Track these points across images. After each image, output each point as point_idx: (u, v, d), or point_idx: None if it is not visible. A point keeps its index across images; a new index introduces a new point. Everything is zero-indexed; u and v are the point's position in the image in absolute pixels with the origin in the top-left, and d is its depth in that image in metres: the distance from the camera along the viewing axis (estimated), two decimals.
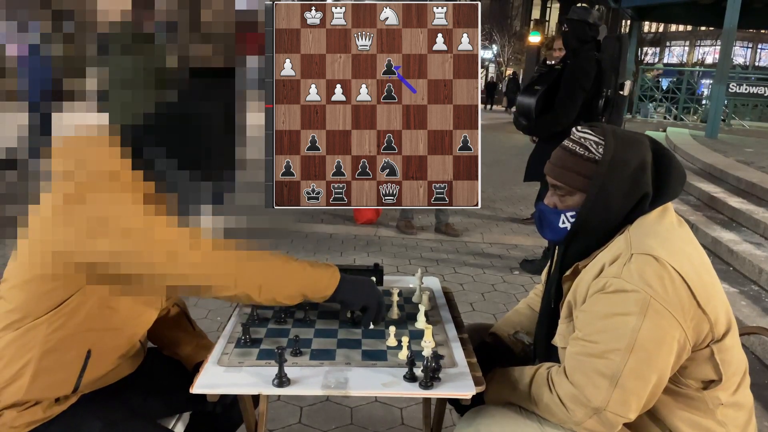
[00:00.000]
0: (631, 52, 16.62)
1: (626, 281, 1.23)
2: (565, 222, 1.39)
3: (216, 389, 1.29)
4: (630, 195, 1.32)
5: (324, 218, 5.81)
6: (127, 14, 1.25)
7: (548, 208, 1.43)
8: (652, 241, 1.27)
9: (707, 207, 6.02)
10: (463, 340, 1.51)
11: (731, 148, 9.28)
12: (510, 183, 8.09)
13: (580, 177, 1.34)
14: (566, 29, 4.19)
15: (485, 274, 4.45)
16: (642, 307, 1.21)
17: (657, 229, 1.32)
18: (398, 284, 1.90)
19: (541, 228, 1.47)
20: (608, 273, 1.27)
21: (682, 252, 1.28)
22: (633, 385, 1.22)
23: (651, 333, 1.21)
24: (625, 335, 1.22)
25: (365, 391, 1.31)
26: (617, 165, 1.31)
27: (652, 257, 1.24)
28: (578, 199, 1.36)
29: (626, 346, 1.22)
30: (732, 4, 10.50)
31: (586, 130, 1.38)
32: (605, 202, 1.32)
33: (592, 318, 1.28)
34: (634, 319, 1.21)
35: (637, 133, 1.41)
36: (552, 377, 1.33)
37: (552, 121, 4.10)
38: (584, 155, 1.34)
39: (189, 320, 1.75)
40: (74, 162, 1.19)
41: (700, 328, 1.26)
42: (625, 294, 1.23)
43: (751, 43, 37.69)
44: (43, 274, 1.28)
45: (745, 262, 4.33)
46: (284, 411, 2.53)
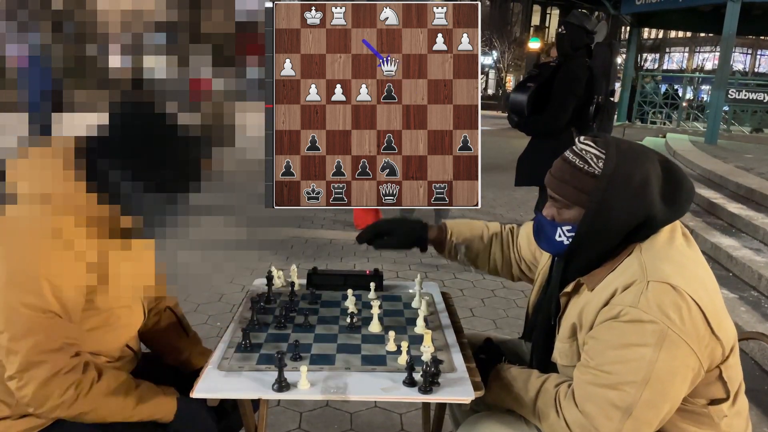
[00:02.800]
0: (630, 59, 16.67)
1: (644, 311, 1.19)
2: (561, 236, 1.35)
3: (216, 393, 1.29)
4: (633, 213, 1.27)
5: (324, 224, 5.82)
6: (127, 14, 1.25)
7: (546, 220, 1.39)
8: (667, 267, 1.23)
9: (707, 213, 6.02)
10: (462, 345, 1.51)
11: (731, 154, 9.29)
12: (510, 188, 8.05)
13: (578, 191, 1.30)
14: (563, 31, 4.20)
15: (485, 279, 4.45)
16: (659, 338, 1.17)
17: (670, 253, 1.28)
18: (398, 290, 1.91)
19: (538, 239, 1.44)
20: (623, 301, 1.23)
21: (696, 278, 1.25)
22: (646, 415, 1.20)
23: (667, 364, 1.18)
24: (641, 368, 1.18)
25: (365, 395, 1.31)
26: (618, 180, 1.25)
27: (669, 286, 1.20)
28: (576, 213, 1.32)
29: (642, 379, 1.18)
30: (731, 11, 10.55)
31: (588, 142, 1.32)
32: (605, 218, 1.27)
33: (605, 347, 1.24)
34: (651, 350, 1.18)
35: (644, 147, 1.36)
36: (560, 401, 1.29)
37: (542, 124, 4.14)
38: (584, 168, 1.29)
39: (183, 327, 1.75)
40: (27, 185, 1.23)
41: (714, 354, 1.24)
42: (642, 324, 1.19)
43: (750, 49, 37.79)
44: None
45: (745, 268, 4.34)
46: (284, 416, 2.53)
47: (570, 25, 4.15)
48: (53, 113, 1.25)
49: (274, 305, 1.73)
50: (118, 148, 1.24)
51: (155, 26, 1.27)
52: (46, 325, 1.24)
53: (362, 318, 1.64)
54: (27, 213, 1.22)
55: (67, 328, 1.28)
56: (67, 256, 1.24)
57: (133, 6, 1.26)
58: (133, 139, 1.24)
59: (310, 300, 1.77)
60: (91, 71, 1.24)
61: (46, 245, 1.22)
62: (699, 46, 38.09)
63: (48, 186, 1.23)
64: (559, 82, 4.08)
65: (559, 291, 1.42)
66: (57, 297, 1.24)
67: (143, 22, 1.26)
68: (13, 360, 1.24)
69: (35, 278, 1.22)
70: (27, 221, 1.22)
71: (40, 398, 1.26)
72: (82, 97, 1.24)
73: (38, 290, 1.22)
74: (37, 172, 1.24)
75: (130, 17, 1.25)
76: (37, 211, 1.22)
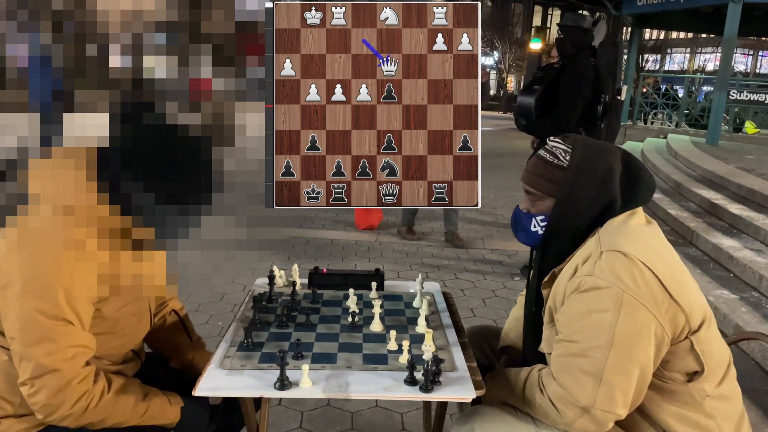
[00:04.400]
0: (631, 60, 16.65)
1: (599, 278, 1.29)
2: (536, 226, 1.48)
3: (218, 392, 1.29)
4: (597, 200, 1.39)
5: (325, 224, 5.82)
6: (127, 14, 1.26)
7: (522, 213, 1.52)
8: (620, 239, 1.34)
9: (708, 214, 6.01)
10: (463, 344, 1.52)
11: (732, 155, 9.28)
12: (511, 189, 8.09)
13: (549, 183, 1.43)
14: (561, 35, 4.20)
15: (486, 280, 4.45)
16: (616, 302, 1.26)
17: (624, 229, 1.38)
18: (399, 289, 1.91)
19: (516, 231, 1.55)
20: (581, 272, 1.34)
21: (649, 247, 1.34)
22: (617, 380, 1.26)
23: (628, 327, 1.26)
24: (603, 331, 1.26)
25: (366, 394, 1.32)
26: (583, 171, 1.39)
27: (621, 253, 1.30)
28: (549, 203, 1.44)
29: (605, 343, 1.26)
30: (732, 12, 10.52)
31: (557, 140, 1.47)
32: (574, 205, 1.40)
33: (570, 318, 1.34)
34: (610, 314, 1.26)
35: (607, 144, 1.50)
36: (542, 379, 1.37)
37: (552, 126, 4.08)
38: (553, 162, 1.44)
39: (186, 329, 1.75)
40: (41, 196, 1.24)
41: (676, 320, 1.30)
42: (599, 291, 1.28)
43: (751, 50, 37.76)
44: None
45: (746, 269, 4.33)
46: (285, 416, 2.53)
47: (566, 28, 4.14)
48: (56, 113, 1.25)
49: (275, 304, 1.74)
50: (135, 161, 1.25)
51: (155, 26, 1.27)
52: (60, 332, 1.25)
53: (363, 317, 1.64)
54: (50, 224, 1.23)
55: (80, 336, 1.28)
56: (85, 267, 1.25)
57: (133, 6, 1.26)
58: (149, 151, 1.25)
59: (312, 299, 1.77)
60: (92, 71, 1.24)
61: (66, 256, 1.23)
62: (700, 47, 38.08)
63: (71, 198, 1.25)
64: (566, 83, 4.05)
65: (538, 283, 1.49)
66: (71, 305, 1.25)
67: (143, 22, 1.26)
68: (26, 366, 1.25)
69: (51, 286, 1.23)
70: (48, 231, 1.23)
71: (51, 407, 1.26)
72: (83, 97, 1.24)
73: (53, 298, 1.23)
74: (60, 183, 1.25)
75: (130, 17, 1.26)
76: (59, 222, 1.23)
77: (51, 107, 1.25)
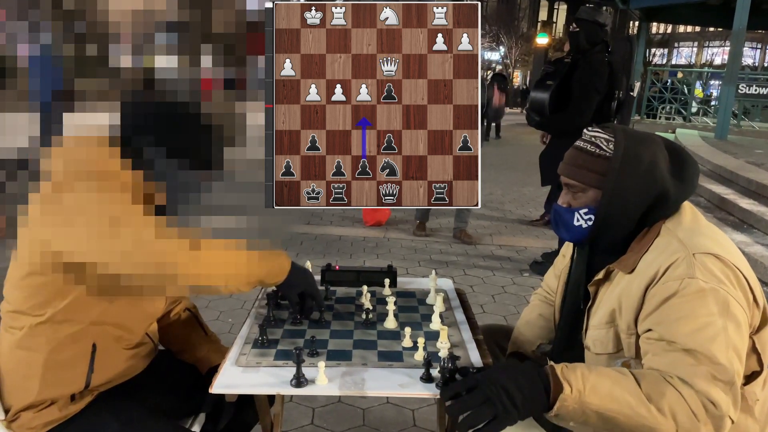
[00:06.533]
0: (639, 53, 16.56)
1: (702, 280, 1.21)
2: (580, 220, 1.40)
3: (234, 389, 1.30)
4: (647, 191, 1.33)
5: (333, 220, 5.82)
6: (138, 14, 1.26)
7: (562, 208, 1.44)
8: (706, 241, 1.29)
9: (718, 208, 5.99)
10: (478, 341, 1.51)
11: (741, 149, 9.23)
12: (519, 185, 8.08)
13: (593, 174, 1.37)
14: (575, 29, 4.15)
15: (495, 276, 4.45)
16: (723, 305, 1.20)
17: (701, 229, 1.34)
18: (412, 286, 1.91)
19: (557, 228, 1.48)
20: (676, 275, 1.24)
21: (732, 248, 1.31)
22: (738, 384, 1.17)
23: (736, 332, 1.20)
24: (720, 336, 1.18)
25: (382, 391, 1.32)
26: (629, 160, 1.33)
27: (714, 256, 1.25)
28: (592, 195, 1.38)
29: (726, 348, 1.18)
30: (741, 5, 10.45)
31: (596, 129, 1.41)
32: (621, 197, 1.34)
33: (679, 325, 1.20)
34: (721, 319, 1.19)
35: (648, 132, 1.44)
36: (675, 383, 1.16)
37: (566, 120, 4.04)
38: (595, 152, 1.37)
39: (201, 324, 1.76)
40: (62, 162, 1.21)
41: (753, 321, 1.27)
42: (704, 293, 1.20)
43: (760, 44, 37.45)
44: (31, 272, 1.31)
45: (757, 264, 4.31)
46: (296, 412, 2.54)
47: (582, 22, 4.08)
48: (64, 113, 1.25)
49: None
50: (150, 133, 1.25)
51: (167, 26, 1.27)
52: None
53: (377, 314, 1.64)
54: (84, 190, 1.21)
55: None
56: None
57: (144, 6, 1.26)
58: (161, 126, 1.26)
59: (324, 296, 1.78)
60: (102, 71, 1.24)
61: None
62: (708, 41, 37.83)
63: (99, 164, 1.22)
64: (580, 79, 4.00)
65: (587, 280, 1.44)
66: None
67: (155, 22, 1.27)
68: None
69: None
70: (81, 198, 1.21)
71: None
72: (94, 96, 1.25)
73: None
74: (83, 152, 1.23)
75: (141, 17, 1.26)
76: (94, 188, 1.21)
77: (62, 107, 1.26)
